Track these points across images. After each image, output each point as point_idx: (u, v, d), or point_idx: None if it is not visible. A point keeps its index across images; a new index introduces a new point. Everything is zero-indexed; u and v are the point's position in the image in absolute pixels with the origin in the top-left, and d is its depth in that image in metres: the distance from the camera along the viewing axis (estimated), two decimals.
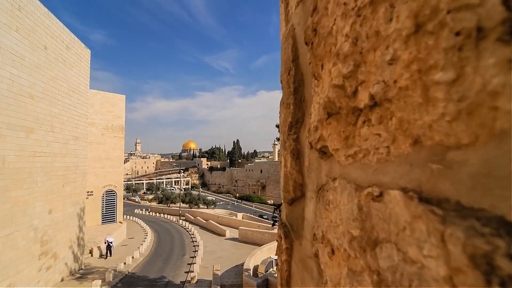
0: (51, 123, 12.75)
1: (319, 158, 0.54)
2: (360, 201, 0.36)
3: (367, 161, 0.37)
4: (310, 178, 0.59)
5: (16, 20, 10.61)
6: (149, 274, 15.31)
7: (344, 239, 0.40)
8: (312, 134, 0.53)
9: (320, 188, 0.53)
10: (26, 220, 10.96)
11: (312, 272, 0.56)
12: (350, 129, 0.41)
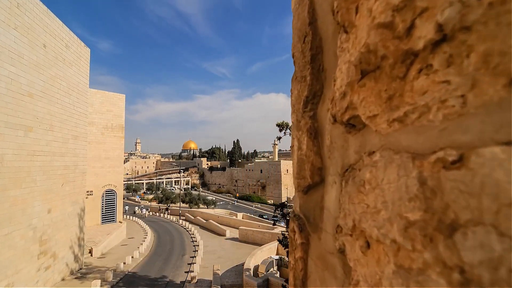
0: (50, 122, 12.65)
1: (345, 133, 0.45)
2: (421, 173, 0.27)
3: (426, 121, 0.28)
4: (331, 159, 0.50)
5: (15, 18, 10.52)
6: (149, 274, 15.22)
7: (392, 227, 0.30)
8: (337, 103, 0.44)
9: (347, 169, 0.44)
10: (25, 220, 10.87)
11: (335, 270, 0.47)
12: (396, 86, 0.32)
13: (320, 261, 0.52)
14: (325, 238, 0.51)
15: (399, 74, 0.31)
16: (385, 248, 0.32)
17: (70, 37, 14.59)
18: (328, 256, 0.49)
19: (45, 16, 12.37)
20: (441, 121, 0.26)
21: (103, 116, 24.09)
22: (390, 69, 0.32)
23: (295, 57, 0.64)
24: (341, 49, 0.42)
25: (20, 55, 10.78)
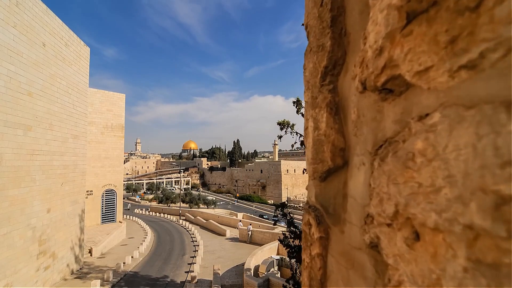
0: (49, 121, 12.58)
1: (378, 101, 0.37)
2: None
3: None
4: (359, 136, 0.42)
5: (14, 16, 10.44)
6: (149, 274, 15.14)
7: (466, 208, 0.22)
8: (370, 65, 0.36)
9: (382, 144, 0.36)
10: (24, 219, 10.79)
11: (364, 269, 0.39)
12: (464, 21, 0.24)
13: (343, 258, 0.44)
14: (349, 231, 0.43)
15: (469, 4, 0.23)
16: (449, 237, 0.24)
17: (70, 35, 14.52)
18: (354, 252, 0.41)
19: (44, 15, 12.30)
20: None
21: (103, 115, 24.02)
22: (455, 2, 0.24)
23: (310, 27, 0.56)
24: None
25: (19, 53, 10.70)
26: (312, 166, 0.54)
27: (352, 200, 0.43)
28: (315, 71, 0.53)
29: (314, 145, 0.53)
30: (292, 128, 8.14)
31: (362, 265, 0.40)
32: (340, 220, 0.46)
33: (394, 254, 0.32)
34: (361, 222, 0.40)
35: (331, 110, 0.47)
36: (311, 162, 0.55)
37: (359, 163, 0.42)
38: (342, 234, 0.45)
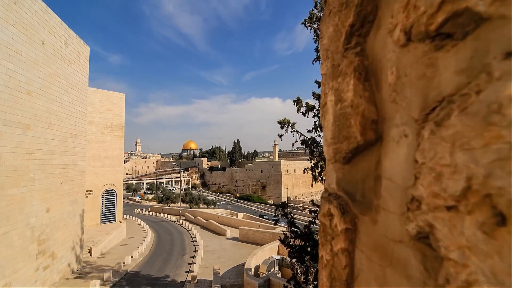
0: (49, 120, 12.51)
1: (430, 52, 0.29)
2: None
3: None
4: (399, 102, 0.34)
5: (13, 14, 10.37)
6: (148, 274, 15.06)
7: None
8: (420, 3, 0.28)
9: (437, 106, 0.27)
10: (23, 219, 10.72)
11: (407, 266, 0.31)
12: None
13: (377, 254, 0.36)
14: (385, 221, 0.35)
15: None
16: None
17: (69, 34, 14.44)
18: (392, 246, 0.33)
19: (44, 13, 12.23)
20: None
21: (103, 115, 23.95)
22: None
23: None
24: None
25: (18, 52, 10.63)
26: (333, 147, 0.47)
27: (389, 182, 0.35)
28: (336, 34, 0.45)
29: (335, 121, 0.45)
30: (292, 127, 8.05)
31: (404, 262, 0.32)
32: (372, 208, 0.38)
33: (460, 246, 0.24)
34: (401, 208, 0.33)
35: (359, 75, 0.39)
36: (331, 142, 0.47)
37: (399, 135, 0.34)
38: (374, 225, 0.37)
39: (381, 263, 0.35)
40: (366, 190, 0.40)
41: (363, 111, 0.39)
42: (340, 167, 0.46)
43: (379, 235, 0.36)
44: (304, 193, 69.33)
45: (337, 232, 0.44)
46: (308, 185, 71.26)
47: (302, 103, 8.03)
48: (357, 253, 0.40)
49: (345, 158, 0.44)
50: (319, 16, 8.01)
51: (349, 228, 0.41)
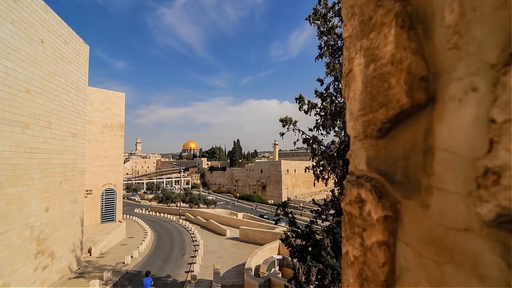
0: (48, 119, 12.43)
1: None
2: None
3: None
4: (463, 47, 0.26)
5: (12, 12, 10.29)
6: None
7: None
8: None
9: None
10: (22, 218, 10.64)
11: (477, 262, 0.24)
12: None
13: (431, 247, 0.28)
14: (441, 204, 0.27)
15: None
16: None
17: (69, 33, 14.37)
18: (455, 237, 0.25)
19: (43, 11, 12.15)
20: None
21: (102, 114, 23.87)
22: None
23: None
24: None
25: (17, 50, 10.55)
26: (363, 120, 0.39)
27: (446, 154, 0.27)
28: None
29: (366, 87, 0.37)
30: (294, 125, 7.97)
31: (473, 257, 0.24)
32: (420, 190, 0.30)
33: None
34: (468, 186, 0.25)
35: (403, 22, 0.31)
36: (359, 115, 0.39)
37: (463, 91, 0.26)
38: (425, 211, 0.29)
39: (436, 259, 0.27)
40: (410, 168, 0.32)
41: (409, 66, 0.31)
42: (372, 143, 0.38)
43: (432, 223, 0.28)
44: (304, 193, 69.24)
45: (371, 221, 0.36)
46: (308, 185, 71.17)
47: (304, 101, 7.94)
48: (400, 247, 0.32)
49: (380, 131, 0.36)
50: (323, 12, 7.93)
51: (388, 215, 0.34)
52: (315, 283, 6.86)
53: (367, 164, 0.39)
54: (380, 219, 0.34)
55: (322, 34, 8.08)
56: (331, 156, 8.05)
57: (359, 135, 0.40)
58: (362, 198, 0.38)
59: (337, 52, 8.37)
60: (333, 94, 8.38)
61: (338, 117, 7.87)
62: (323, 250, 7.09)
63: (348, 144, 6.19)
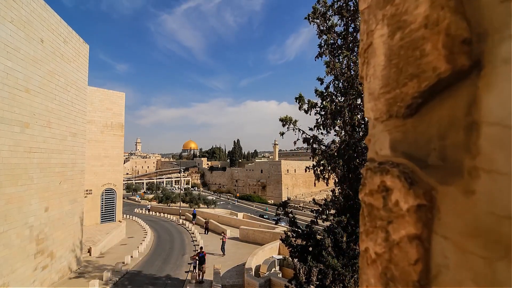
0: (47, 118, 12.38)
1: None
2: None
3: None
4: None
5: (11, 11, 10.25)
6: (148, 273, 14.93)
7: None
8: None
9: None
10: (21, 218, 10.59)
11: None
12: None
13: (478, 240, 0.23)
14: (490, 189, 0.23)
15: None
16: None
17: (69, 32, 14.32)
18: (509, 227, 0.23)
19: (42, 10, 12.11)
20: None
21: (102, 114, 23.82)
22: None
23: None
24: None
25: (16, 49, 10.51)
26: (386, 98, 0.34)
27: (497, 129, 0.23)
28: None
29: (391, 60, 0.33)
30: (294, 124, 7.92)
31: None
32: (463, 172, 0.26)
33: None
34: None
35: None
36: (382, 93, 0.35)
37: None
38: (469, 197, 0.25)
39: (486, 255, 0.23)
40: (448, 149, 0.27)
41: (448, 27, 0.26)
42: (398, 124, 0.34)
43: (479, 211, 0.24)
44: (304, 193, 69.22)
45: (400, 212, 0.31)
46: (308, 185, 71.15)
47: (304, 100, 7.90)
48: (437, 241, 0.27)
49: (409, 108, 0.32)
50: (322, 11, 7.89)
51: (422, 205, 0.29)
52: (316, 283, 6.81)
53: (391, 148, 0.34)
54: (411, 209, 0.30)
55: (322, 33, 8.04)
56: (331, 156, 8.00)
57: (381, 116, 0.36)
58: (387, 187, 0.33)
59: (336, 50, 8.33)
60: (333, 93, 8.33)
61: (339, 116, 7.83)
62: (324, 250, 7.05)
63: (349, 144, 6.10)
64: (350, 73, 7.68)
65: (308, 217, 38.04)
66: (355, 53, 7.95)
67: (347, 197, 7.79)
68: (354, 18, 7.75)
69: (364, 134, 7.61)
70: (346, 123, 7.68)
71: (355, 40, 7.96)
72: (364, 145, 7.61)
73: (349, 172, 7.83)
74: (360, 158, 7.62)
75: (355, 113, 7.82)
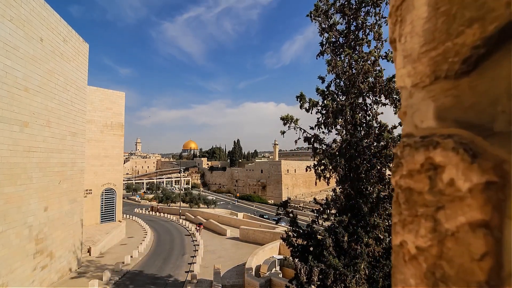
0: (47, 117, 12.32)
1: None
2: None
3: None
4: None
5: (10, 9, 10.19)
6: (148, 273, 14.86)
7: None
8: None
9: None
10: (20, 217, 10.53)
11: None
12: None
13: None
14: None
15: None
16: None
17: (68, 31, 14.26)
18: None
19: (42, 9, 12.05)
20: None
21: (102, 114, 23.76)
22: None
23: None
24: None
25: (15, 48, 10.45)
26: (431, 56, 0.28)
27: None
28: None
29: (438, 8, 0.26)
30: (295, 123, 7.85)
31: None
32: None
33: None
34: None
35: None
36: (424, 51, 0.28)
37: None
38: None
39: None
40: None
41: None
42: (447, 86, 0.27)
43: None
44: (304, 193, 69.12)
45: (457, 194, 0.25)
46: (308, 185, 71.03)
47: (305, 99, 7.83)
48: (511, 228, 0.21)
49: (467, 62, 0.25)
50: (324, 9, 7.82)
51: (492, 182, 0.22)
52: (317, 283, 6.74)
53: (438, 118, 0.28)
54: (475, 188, 0.23)
55: (324, 30, 7.97)
56: (332, 155, 7.93)
57: (423, 81, 0.29)
58: (435, 164, 0.27)
59: (338, 49, 8.26)
60: (334, 92, 8.26)
61: (340, 115, 7.76)
62: (325, 250, 6.98)
63: (350, 143, 6.00)
64: (352, 72, 7.61)
65: (308, 217, 37.95)
66: (356, 51, 7.88)
67: (348, 197, 7.72)
68: (356, 16, 7.68)
69: (366, 133, 7.55)
70: (348, 122, 7.61)
71: (357, 39, 7.89)
72: (366, 144, 7.54)
73: (350, 171, 7.76)
74: (362, 157, 7.55)
75: (357, 111, 7.74)
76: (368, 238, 7.00)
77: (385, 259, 7.13)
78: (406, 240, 0.30)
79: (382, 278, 6.94)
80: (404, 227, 0.31)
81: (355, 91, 7.59)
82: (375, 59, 7.41)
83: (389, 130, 7.28)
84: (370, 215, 7.28)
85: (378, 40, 7.71)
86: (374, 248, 7.04)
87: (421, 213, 0.28)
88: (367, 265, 6.91)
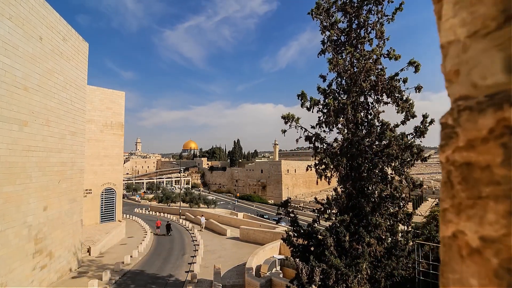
0: (46, 116, 12.26)
1: None
2: None
3: None
4: None
5: (9, 8, 10.14)
6: (148, 273, 14.80)
7: None
8: None
9: None
10: (19, 217, 10.47)
11: None
12: None
13: None
14: None
15: None
16: None
17: (68, 30, 14.20)
18: None
19: (41, 8, 11.99)
20: None
21: (102, 113, 23.70)
22: None
23: None
24: None
25: (15, 46, 10.39)
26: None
27: None
28: None
29: None
30: (297, 122, 7.79)
31: None
32: None
33: None
34: None
35: None
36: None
37: None
38: None
39: None
40: None
41: None
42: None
43: None
44: (304, 193, 69.07)
45: None
46: (308, 185, 70.98)
47: (306, 97, 7.76)
48: None
49: None
50: (326, 7, 7.75)
51: None
52: (318, 283, 6.68)
53: (509, 70, 0.21)
54: None
55: (325, 29, 7.90)
56: (334, 154, 7.87)
57: (486, 25, 0.23)
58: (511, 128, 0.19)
59: (340, 47, 8.20)
60: (336, 91, 8.20)
61: (341, 114, 7.70)
62: (326, 249, 6.91)
63: (352, 142, 5.92)
64: (353, 70, 7.55)
65: (309, 217, 37.82)
66: (358, 49, 7.81)
67: (349, 196, 7.66)
68: (358, 14, 7.62)
69: (368, 132, 7.48)
70: (349, 120, 7.55)
71: (359, 37, 7.82)
72: (368, 143, 7.47)
73: (352, 170, 7.70)
74: (363, 156, 7.49)
75: (358, 110, 7.68)
76: (370, 238, 6.93)
77: (387, 259, 7.06)
78: (463, 229, 0.24)
79: (384, 278, 6.88)
80: (460, 213, 0.24)
81: (357, 89, 7.52)
82: (377, 57, 7.34)
83: (392, 129, 7.22)
84: (372, 215, 7.22)
85: (380, 39, 7.64)
86: (376, 248, 6.97)
87: (488, 194, 0.21)
88: (369, 265, 6.85)
